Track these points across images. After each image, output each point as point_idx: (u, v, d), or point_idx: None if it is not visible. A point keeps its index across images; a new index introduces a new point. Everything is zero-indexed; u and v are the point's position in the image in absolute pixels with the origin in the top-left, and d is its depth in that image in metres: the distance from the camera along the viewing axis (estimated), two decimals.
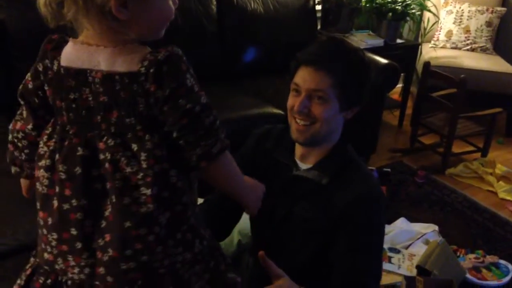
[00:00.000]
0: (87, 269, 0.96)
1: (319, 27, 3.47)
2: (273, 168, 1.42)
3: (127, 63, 0.90)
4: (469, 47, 3.77)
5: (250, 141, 1.52)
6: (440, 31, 3.83)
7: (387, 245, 2.22)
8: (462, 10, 3.77)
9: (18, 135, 1.06)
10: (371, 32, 3.55)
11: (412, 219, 2.52)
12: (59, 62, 0.95)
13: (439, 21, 3.83)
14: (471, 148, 3.29)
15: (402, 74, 3.45)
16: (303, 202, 1.35)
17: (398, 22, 3.47)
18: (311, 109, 1.29)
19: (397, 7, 3.42)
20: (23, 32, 2.28)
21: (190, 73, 0.92)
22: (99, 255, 0.95)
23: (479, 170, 3.12)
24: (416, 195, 2.88)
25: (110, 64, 0.91)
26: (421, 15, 3.83)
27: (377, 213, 1.34)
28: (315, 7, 3.31)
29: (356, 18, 3.56)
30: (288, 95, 1.35)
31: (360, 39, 3.37)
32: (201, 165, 0.95)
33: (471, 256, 2.26)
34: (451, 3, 3.81)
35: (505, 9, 3.82)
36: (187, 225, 0.99)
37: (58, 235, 0.97)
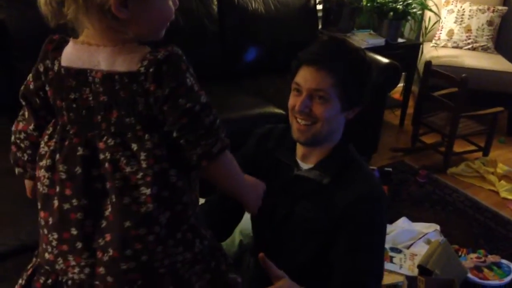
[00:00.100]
0: (87, 269, 0.96)
1: (320, 26, 3.47)
2: (274, 168, 1.42)
3: (127, 62, 0.90)
4: (470, 46, 3.76)
5: (251, 141, 1.52)
6: (441, 30, 3.83)
7: (389, 245, 2.21)
8: (463, 9, 3.76)
9: (20, 135, 1.07)
10: (372, 32, 3.54)
11: (414, 218, 2.52)
12: (59, 62, 0.95)
13: (440, 20, 3.83)
14: (472, 148, 3.29)
15: (403, 74, 3.44)
16: (304, 202, 1.35)
17: (399, 22, 3.47)
18: (312, 109, 1.29)
19: (398, 6, 3.42)
20: (23, 32, 2.27)
21: (190, 72, 0.92)
22: (99, 255, 0.95)
23: (481, 169, 3.11)
24: (418, 194, 2.88)
25: (110, 63, 0.91)
26: (422, 15, 3.82)
27: (378, 212, 1.33)
28: (316, 6, 3.30)
29: (357, 17, 3.56)
30: (289, 94, 1.35)
31: (361, 39, 3.36)
32: (202, 164, 0.95)
33: (472, 255, 2.25)
34: (452, 2, 3.80)
35: (506, 8, 3.81)
36: (187, 224, 0.99)
37: (58, 235, 0.97)
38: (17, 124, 1.08)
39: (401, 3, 3.43)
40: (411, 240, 2.30)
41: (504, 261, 2.24)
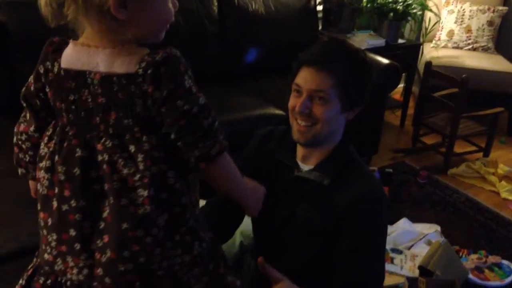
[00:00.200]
0: (85, 270, 0.96)
1: (320, 27, 3.47)
2: (275, 169, 1.42)
3: (125, 64, 0.90)
4: (470, 46, 3.76)
5: (252, 142, 1.52)
6: (442, 30, 3.83)
7: (389, 246, 2.21)
8: (464, 9, 3.76)
9: (22, 137, 1.07)
10: (372, 32, 3.54)
11: (415, 219, 2.51)
12: (59, 64, 0.96)
13: (441, 20, 3.83)
14: (473, 148, 3.28)
15: (403, 74, 3.44)
16: (304, 203, 1.35)
17: (400, 22, 3.47)
18: (312, 109, 1.29)
19: (398, 7, 3.42)
20: (23, 34, 2.28)
21: (188, 74, 0.92)
22: (97, 256, 0.95)
23: (481, 170, 3.11)
24: (418, 195, 2.87)
25: (109, 65, 0.91)
26: (422, 15, 3.82)
27: (379, 213, 1.33)
28: (316, 7, 3.30)
29: (358, 18, 3.56)
30: (290, 95, 1.35)
31: (362, 39, 3.36)
32: (200, 166, 0.95)
33: (473, 256, 2.25)
34: (452, 2, 3.80)
35: (506, 8, 3.81)
36: (186, 227, 0.99)
37: (57, 236, 0.98)
38: (18, 125, 1.08)
39: (401, 3, 3.43)
40: (411, 241, 2.30)
41: (504, 261, 2.24)
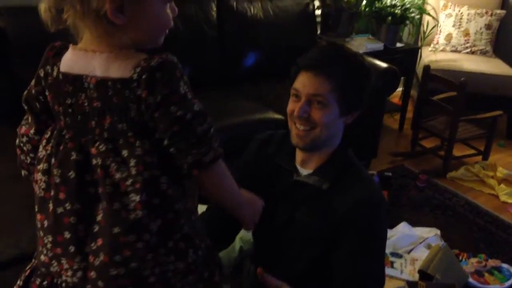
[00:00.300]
0: (79, 272, 0.97)
1: (319, 31, 3.47)
2: (275, 174, 1.42)
3: (121, 69, 0.91)
4: (468, 50, 3.77)
5: (252, 146, 1.52)
6: (440, 34, 3.84)
7: (389, 250, 2.21)
8: (461, 13, 3.77)
9: (23, 139, 1.08)
10: (370, 36, 3.55)
11: (414, 223, 2.51)
12: (58, 68, 0.96)
13: (439, 24, 3.84)
14: (472, 151, 3.29)
15: (402, 78, 3.45)
16: (304, 208, 1.35)
17: (398, 26, 3.48)
18: (311, 114, 1.29)
19: (396, 11, 3.43)
20: (23, 40, 2.29)
21: (184, 80, 0.92)
22: (91, 259, 0.95)
23: (480, 173, 3.11)
24: (418, 199, 2.87)
25: (105, 69, 0.92)
26: (420, 19, 3.83)
27: (378, 218, 1.33)
28: (314, 12, 3.31)
29: (356, 22, 3.57)
30: (288, 100, 1.35)
31: (360, 43, 3.37)
32: (193, 173, 0.94)
33: (473, 260, 2.25)
34: (450, 6, 3.81)
35: (504, 11, 3.82)
36: (180, 233, 0.98)
37: (53, 238, 0.98)
38: (20, 127, 1.09)
39: (399, 7, 3.44)
40: (411, 245, 2.30)
41: (504, 265, 2.24)
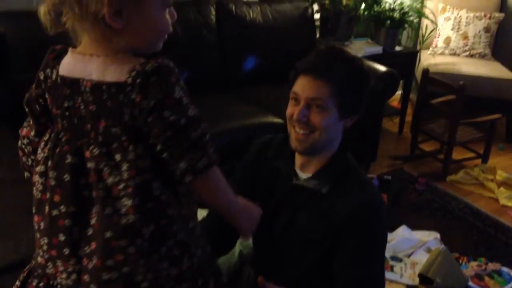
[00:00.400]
0: (74, 275, 0.97)
1: (318, 35, 3.48)
2: (274, 177, 1.42)
3: (117, 73, 0.91)
4: (467, 53, 3.78)
5: (251, 150, 1.52)
6: (438, 37, 3.84)
7: (389, 254, 2.21)
8: (460, 16, 3.78)
9: (24, 141, 1.09)
10: (369, 40, 3.56)
11: (414, 226, 2.51)
12: (57, 71, 0.97)
13: (437, 28, 3.84)
14: (471, 155, 3.29)
15: (401, 81, 3.45)
16: (303, 212, 1.35)
17: (397, 30, 3.48)
18: (310, 117, 1.29)
19: (395, 14, 3.44)
20: (22, 45, 2.29)
21: (179, 85, 0.91)
22: (85, 262, 0.96)
23: (480, 176, 3.11)
24: (417, 202, 2.87)
25: (101, 73, 0.92)
26: (419, 22, 3.85)
27: (378, 221, 1.33)
28: (313, 15, 3.32)
29: (355, 26, 3.57)
30: (288, 104, 1.35)
31: (359, 47, 3.37)
32: (186, 179, 0.93)
33: (473, 263, 2.25)
34: (449, 9, 3.82)
35: (503, 14, 3.83)
36: (174, 240, 0.98)
37: (48, 240, 0.99)
38: (21, 129, 1.10)
39: (398, 11, 3.45)
40: (411, 249, 2.30)
41: (504, 268, 2.23)
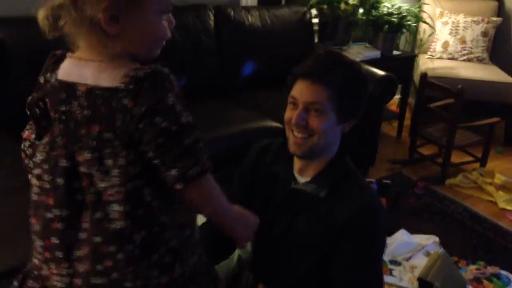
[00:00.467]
0: (66, 278, 0.98)
1: (316, 40, 3.49)
2: (273, 182, 1.42)
3: (111, 78, 0.91)
4: (465, 57, 3.79)
5: (250, 155, 1.52)
6: (436, 42, 3.86)
7: (388, 258, 2.21)
8: (458, 21, 3.80)
9: (26, 143, 1.10)
10: (368, 44, 3.57)
11: (413, 230, 2.51)
12: (56, 75, 0.98)
13: (435, 32, 3.86)
14: (470, 158, 3.29)
15: (399, 86, 3.46)
16: (302, 216, 1.35)
17: (395, 34, 3.50)
18: (308, 121, 1.29)
19: (393, 19, 3.45)
20: (22, 51, 2.29)
21: (174, 92, 0.91)
22: (77, 266, 0.96)
23: (479, 180, 3.12)
24: (416, 206, 2.87)
25: (96, 78, 0.92)
26: (417, 27, 3.86)
27: (377, 225, 1.33)
28: (311, 20, 3.33)
29: (353, 30, 3.58)
30: (286, 108, 1.36)
31: (357, 51, 3.39)
32: (177, 186, 0.92)
33: (472, 267, 2.25)
34: (447, 14, 3.84)
35: (500, 19, 3.85)
36: (166, 247, 0.97)
37: (43, 242, 1.00)
38: (24, 132, 1.11)
39: (396, 16, 3.46)
40: (410, 252, 2.30)
41: (503, 272, 2.24)
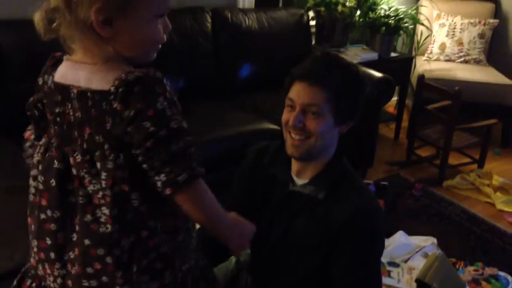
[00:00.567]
0: (59, 279, 0.99)
1: (313, 42, 3.50)
2: (271, 184, 1.42)
3: (103, 81, 0.91)
4: (462, 59, 3.80)
5: (249, 157, 1.52)
6: (434, 44, 3.87)
7: (386, 259, 2.21)
8: (455, 23, 3.80)
9: (27, 143, 1.11)
10: (365, 46, 3.58)
11: (411, 232, 2.51)
12: (53, 78, 0.98)
13: (432, 34, 3.87)
14: (467, 160, 3.29)
15: (397, 87, 3.47)
16: (300, 218, 1.35)
17: (392, 36, 3.50)
18: (306, 123, 1.29)
19: (390, 21, 3.45)
20: (18, 54, 2.29)
21: (165, 96, 0.90)
22: (69, 267, 0.97)
23: (476, 181, 3.12)
24: (414, 208, 2.88)
25: (88, 81, 0.93)
26: (414, 29, 3.87)
27: (375, 226, 1.33)
28: (309, 22, 3.34)
29: (350, 32, 3.59)
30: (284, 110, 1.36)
31: (355, 53, 3.39)
32: (166, 192, 0.91)
33: (470, 268, 2.25)
34: (444, 16, 3.85)
35: (497, 20, 3.86)
36: (156, 253, 0.97)
37: (37, 243, 1.01)
38: (25, 132, 1.12)
39: (393, 18, 3.47)
40: (408, 254, 2.30)
41: (501, 273, 2.23)
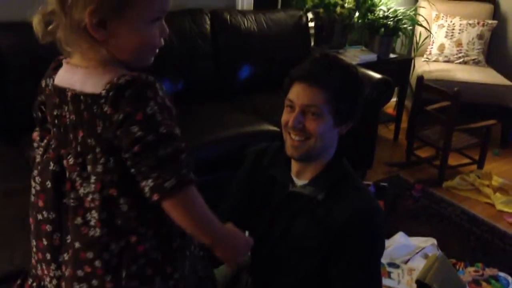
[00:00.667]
0: (54, 280, 1.00)
1: (312, 43, 3.50)
2: (270, 185, 1.42)
3: (96, 85, 0.91)
4: (461, 60, 3.80)
5: (248, 159, 1.52)
6: (432, 45, 3.87)
7: (386, 260, 2.21)
8: (454, 24, 3.81)
9: (34, 144, 1.11)
10: (364, 48, 3.58)
11: (410, 233, 2.51)
12: (53, 80, 0.99)
13: (431, 35, 3.87)
14: (467, 161, 3.30)
15: (396, 88, 3.47)
16: (300, 219, 1.35)
17: (391, 37, 3.50)
18: (305, 124, 1.30)
19: (389, 22, 3.46)
20: (17, 57, 2.28)
21: (156, 101, 0.89)
22: (63, 269, 0.98)
23: (476, 182, 3.12)
24: (414, 209, 2.87)
25: (82, 84, 0.93)
26: (413, 30, 3.87)
27: (375, 227, 1.33)
28: (308, 24, 3.34)
29: (349, 34, 3.59)
30: (283, 111, 1.36)
31: (353, 55, 3.39)
32: (153, 198, 0.89)
33: (470, 269, 2.25)
34: (442, 17, 3.85)
35: (496, 21, 3.86)
36: (146, 258, 0.96)
37: (36, 243, 1.02)
38: (33, 133, 1.12)
39: (392, 19, 3.47)
40: (408, 255, 2.29)
41: (502, 274, 2.23)
